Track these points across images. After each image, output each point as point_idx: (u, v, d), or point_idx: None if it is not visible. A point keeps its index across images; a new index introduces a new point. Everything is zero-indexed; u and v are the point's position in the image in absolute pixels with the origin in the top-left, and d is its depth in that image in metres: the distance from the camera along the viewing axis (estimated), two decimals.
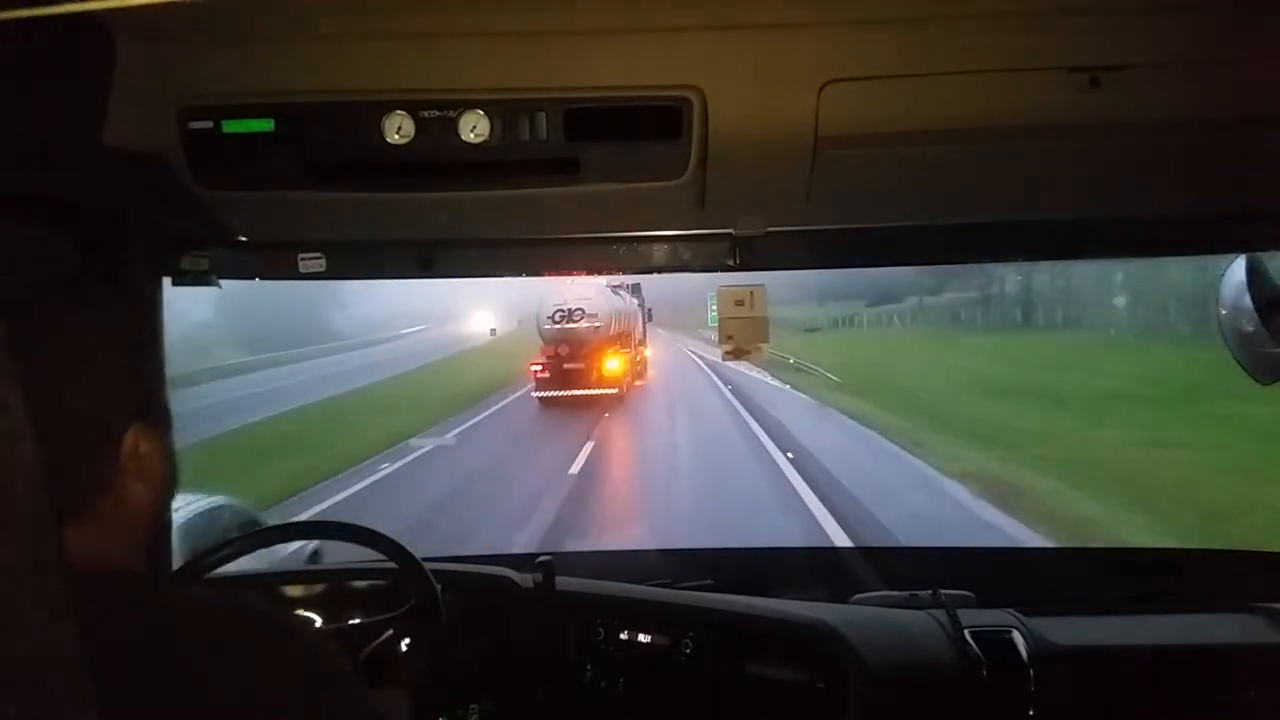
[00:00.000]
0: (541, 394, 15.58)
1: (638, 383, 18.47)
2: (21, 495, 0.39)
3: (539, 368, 15.71)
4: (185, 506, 5.45)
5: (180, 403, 0.93)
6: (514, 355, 26.01)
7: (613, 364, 15.88)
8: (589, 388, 15.36)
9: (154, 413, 0.79)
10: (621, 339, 17.13)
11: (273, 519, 6.50)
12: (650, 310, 20.92)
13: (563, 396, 15.25)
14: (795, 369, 20.87)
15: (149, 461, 0.76)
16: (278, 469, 11.22)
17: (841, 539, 7.25)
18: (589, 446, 11.99)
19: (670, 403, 16.62)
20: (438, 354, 32.17)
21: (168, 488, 0.81)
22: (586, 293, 16.18)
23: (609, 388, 15.60)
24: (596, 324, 15.91)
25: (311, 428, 15.61)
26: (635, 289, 19.27)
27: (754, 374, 20.46)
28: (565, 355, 15.41)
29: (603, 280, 16.41)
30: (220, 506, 5.97)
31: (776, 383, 19.33)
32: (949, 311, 32.03)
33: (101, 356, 0.74)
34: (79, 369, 0.72)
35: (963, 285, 31.09)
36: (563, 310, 15.76)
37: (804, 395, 17.29)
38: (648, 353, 20.23)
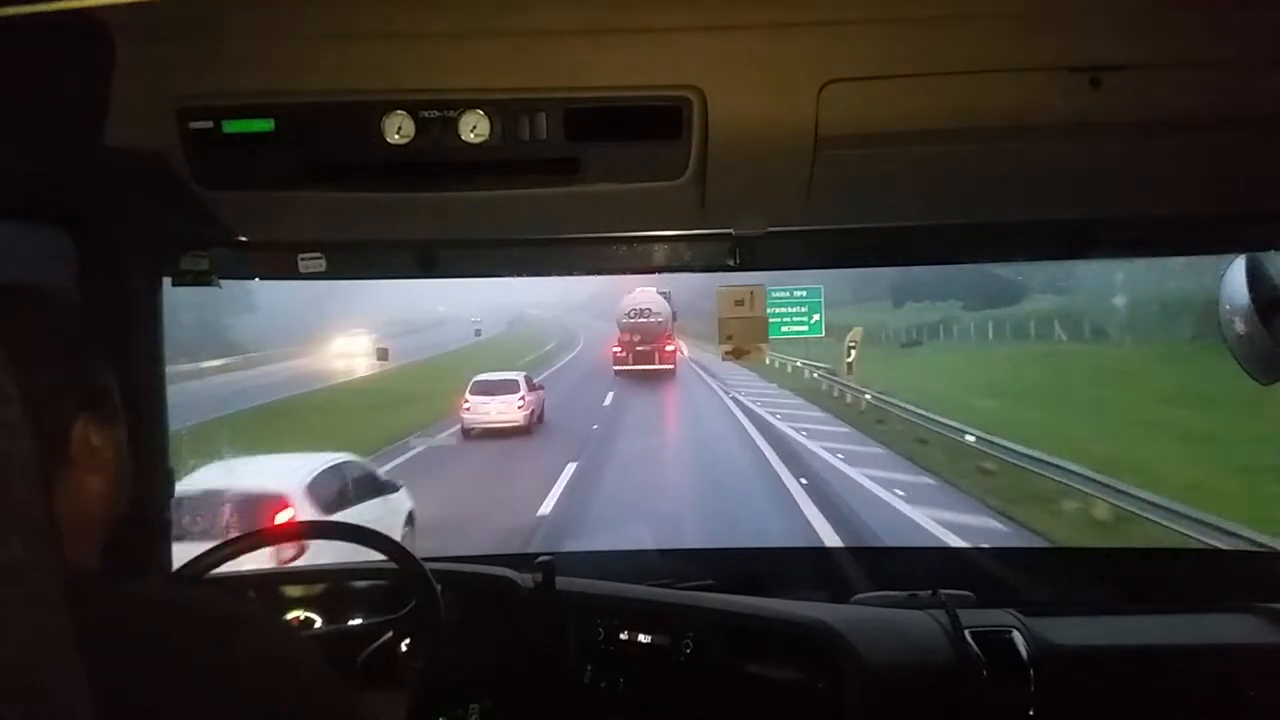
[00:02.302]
0: (618, 368, 21.75)
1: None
2: (20, 493, 0.39)
3: (618, 349, 22.06)
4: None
5: None
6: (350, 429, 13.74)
7: (669, 347, 21.93)
8: (653, 364, 21.42)
9: (102, 408, 0.76)
10: (669, 332, 22.84)
11: None
12: (675, 313, 24.43)
13: (634, 370, 21.35)
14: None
15: (100, 457, 0.74)
16: None
17: None
18: None
19: None
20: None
21: (124, 482, 0.79)
22: (650, 296, 21.90)
23: (666, 364, 21.61)
24: (660, 319, 21.90)
25: None
26: (667, 295, 23.37)
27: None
28: (637, 341, 21.76)
29: (652, 288, 21.87)
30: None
31: None
32: (1166, 321, 17.08)
33: (38, 353, 0.73)
34: (77, 368, 0.72)
35: (1179, 281, 14.56)
36: (636, 309, 21.79)
37: None
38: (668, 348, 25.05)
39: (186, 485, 4.88)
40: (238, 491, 5.94)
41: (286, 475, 6.21)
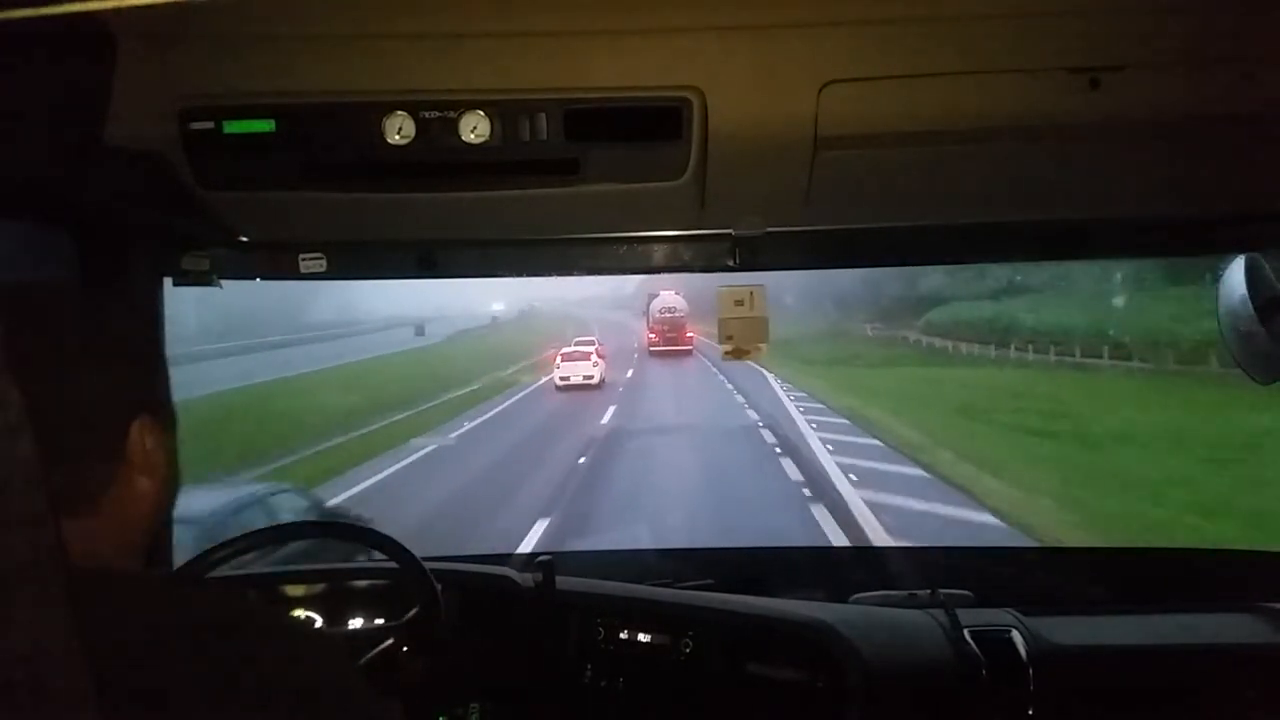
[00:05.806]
0: (653, 349, 30.50)
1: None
2: (20, 492, 0.39)
3: (653, 336, 30.90)
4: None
5: None
6: None
7: (689, 334, 30.66)
8: (678, 345, 30.29)
9: (157, 410, 0.79)
10: (686, 323, 31.62)
11: None
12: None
13: (665, 350, 29.98)
14: None
15: (153, 458, 0.76)
16: None
17: None
18: None
19: None
20: None
21: (171, 485, 0.81)
22: (674, 298, 30.61)
23: (685, 345, 30.41)
24: (683, 315, 30.77)
25: None
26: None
27: None
28: (667, 330, 30.68)
29: (672, 290, 30.48)
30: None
31: None
32: None
33: (102, 356, 0.74)
34: (80, 368, 0.72)
35: None
36: (666, 308, 30.75)
37: None
38: (688, 334, 33.67)
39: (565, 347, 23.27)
40: (576, 349, 22.46)
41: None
